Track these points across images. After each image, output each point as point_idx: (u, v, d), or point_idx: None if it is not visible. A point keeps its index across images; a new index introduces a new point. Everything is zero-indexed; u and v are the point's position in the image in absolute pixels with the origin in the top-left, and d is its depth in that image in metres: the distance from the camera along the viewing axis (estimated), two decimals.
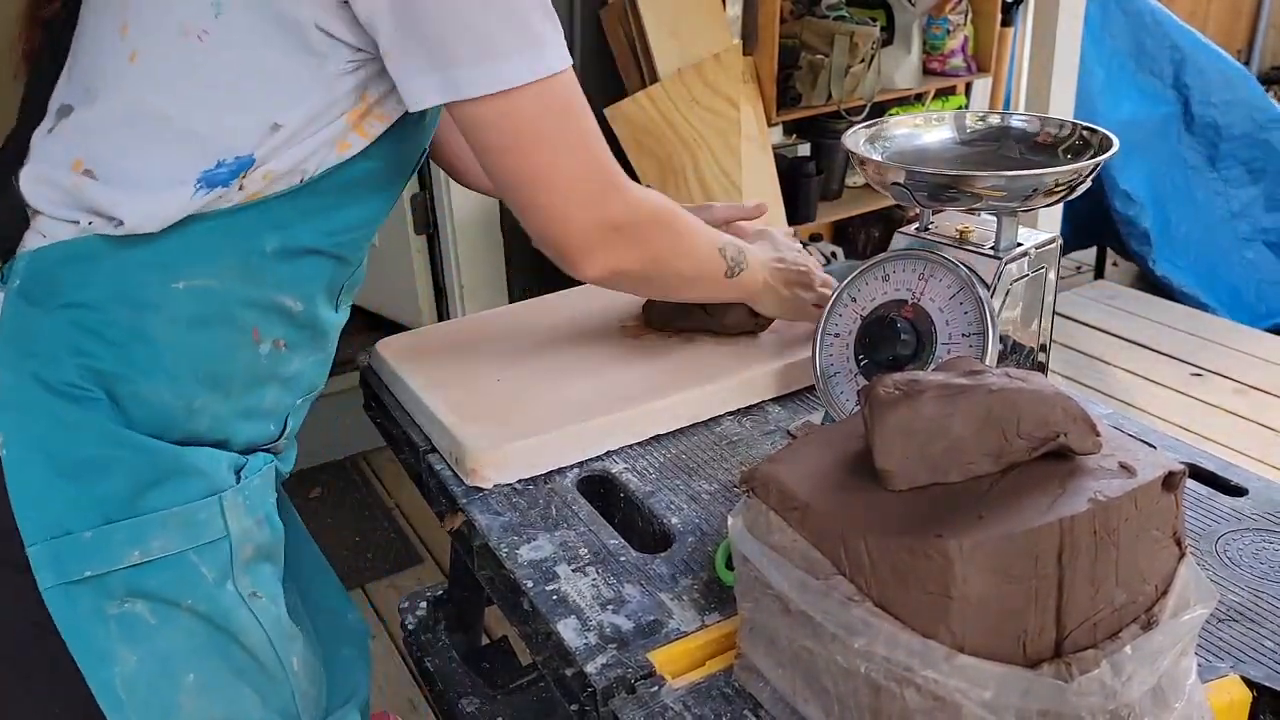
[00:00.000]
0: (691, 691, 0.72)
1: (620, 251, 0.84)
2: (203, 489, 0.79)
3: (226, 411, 0.82)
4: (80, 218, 0.76)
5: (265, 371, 0.84)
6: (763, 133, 2.77)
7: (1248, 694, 0.71)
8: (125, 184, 0.75)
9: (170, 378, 0.77)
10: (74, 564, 0.74)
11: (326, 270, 0.85)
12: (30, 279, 0.76)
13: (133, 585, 0.76)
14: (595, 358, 1.11)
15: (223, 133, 0.74)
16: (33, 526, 0.73)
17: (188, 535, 0.78)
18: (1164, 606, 0.62)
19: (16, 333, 0.75)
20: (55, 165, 0.77)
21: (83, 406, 0.75)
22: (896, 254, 0.92)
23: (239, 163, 0.75)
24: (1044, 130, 0.95)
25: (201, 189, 0.74)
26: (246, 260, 0.78)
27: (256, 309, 0.81)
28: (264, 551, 0.85)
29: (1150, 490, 0.61)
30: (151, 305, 0.76)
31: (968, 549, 0.55)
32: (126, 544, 0.75)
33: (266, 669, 0.84)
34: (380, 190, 0.85)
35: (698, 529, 0.89)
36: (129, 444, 0.76)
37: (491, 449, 0.95)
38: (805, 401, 1.09)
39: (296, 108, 0.75)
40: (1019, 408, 0.62)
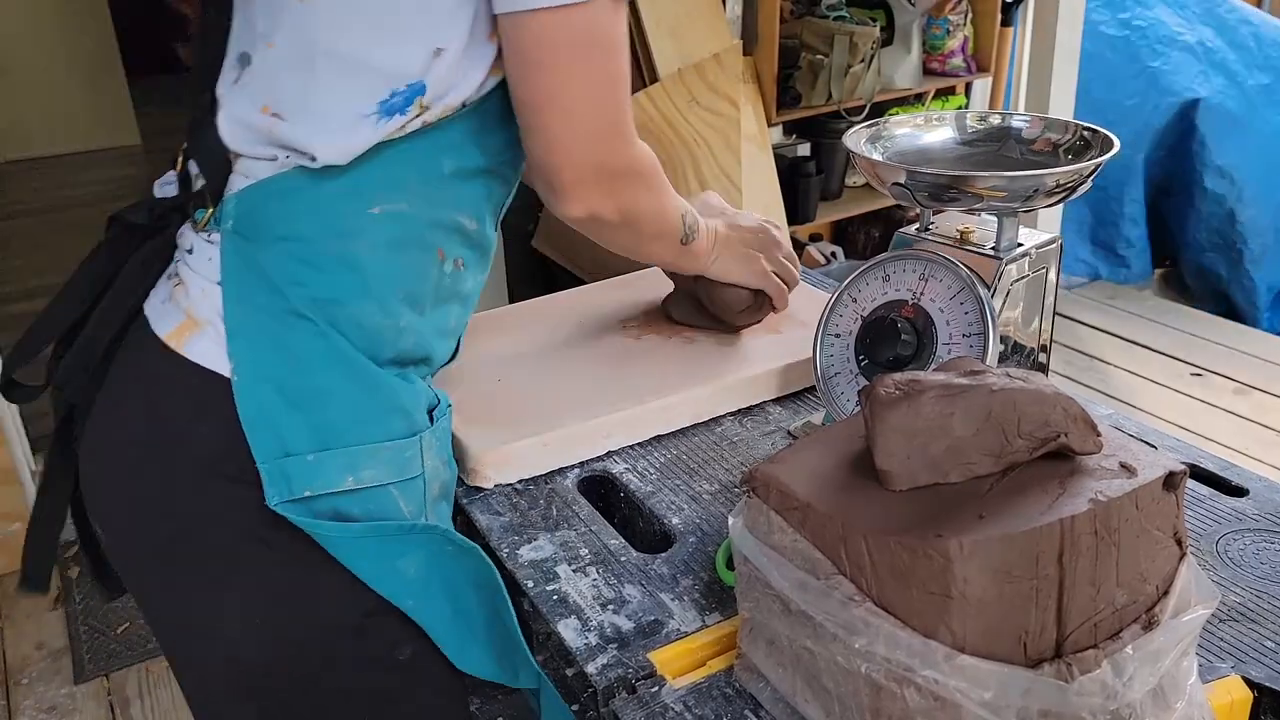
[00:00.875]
0: (692, 691, 0.72)
1: (605, 197, 0.86)
2: (406, 427, 0.83)
3: (427, 329, 0.86)
4: (277, 154, 0.79)
5: (449, 290, 0.88)
6: (763, 133, 2.77)
7: (1249, 694, 0.71)
8: (312, 122, 0.78)
9: (378, 300, 0.81)
10: (298, 483, 0.78)
11: (494, 189, 0.89)
12: (241, 218, 0.80)
13: (340, 510, 0.80)
14: (595, 358, 1.11)
15: (392, 62, 0.77)
16: (262, 446, 0.77)
17: (394, 469, 0.82)
18: (1165, 607, 0.62)
19: (239, 269, 0.79)
20: (246, 111, 0.80)
21: (307, 336, 0.79)
22: (897, 254, 0.92)
23: (411, 89, 0.78)
24: (1044, 131, 0.95)
25: (383, 119, 0.78)
26: (428, 183, 0.82)
27: (441, 229, 0.84)
28: (445, 491, 0.90)
29: (1151, 490, 0.61)
30: (354, 232, 0.80)
31: (968, 549, 0.55)
32: (343, 470, 0.79)
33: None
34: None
35: (698, 529, 0.89)
36: (346, 372, 0.80)
37: (492, 449, 0.95)
38: (806, 402, 1.09)
39: (453, 29, 0.78)
40: (1019, 408, 0.62)
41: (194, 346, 0.79)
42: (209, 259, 0.81)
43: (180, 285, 0.82)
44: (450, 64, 0.78)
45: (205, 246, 0.81)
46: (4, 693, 2.08)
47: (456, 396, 1.02)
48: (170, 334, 0.81)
